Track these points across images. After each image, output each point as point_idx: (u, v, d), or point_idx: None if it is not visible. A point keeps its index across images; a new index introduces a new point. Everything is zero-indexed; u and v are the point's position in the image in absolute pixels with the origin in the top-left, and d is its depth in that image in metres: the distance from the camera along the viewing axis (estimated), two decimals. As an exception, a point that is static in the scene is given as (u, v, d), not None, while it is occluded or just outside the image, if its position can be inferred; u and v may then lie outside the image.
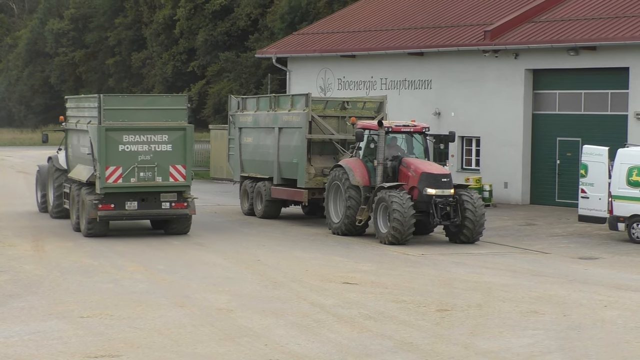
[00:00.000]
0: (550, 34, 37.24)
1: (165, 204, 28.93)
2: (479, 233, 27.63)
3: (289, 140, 32.84)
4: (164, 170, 28.57)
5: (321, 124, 31.92)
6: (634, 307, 19.09)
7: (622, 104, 35.70)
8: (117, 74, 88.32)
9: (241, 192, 35.76)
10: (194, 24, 77.55)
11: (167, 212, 29.01)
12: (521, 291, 20.63)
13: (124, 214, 28.72)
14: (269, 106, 34.27)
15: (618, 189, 28.41)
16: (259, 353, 15.28)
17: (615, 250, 26.97)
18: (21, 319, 17.60)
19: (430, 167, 28.00)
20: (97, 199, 28.40)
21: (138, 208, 28.81)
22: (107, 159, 28.22)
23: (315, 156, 32.06)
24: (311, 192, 31.81)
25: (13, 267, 23.26)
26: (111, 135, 28.27)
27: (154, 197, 28.83)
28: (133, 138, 28.47)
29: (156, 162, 28.49)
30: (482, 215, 27.39)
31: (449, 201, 27.23)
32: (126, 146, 28.40)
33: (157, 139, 28.67)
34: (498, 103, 38.86)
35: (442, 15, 43.54)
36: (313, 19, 59.59)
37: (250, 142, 35.30)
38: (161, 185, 28.63)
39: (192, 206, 29.26)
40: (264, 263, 24.18)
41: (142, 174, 28.48)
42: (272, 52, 47.67)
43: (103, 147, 28.16)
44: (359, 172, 28.79)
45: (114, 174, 28.24)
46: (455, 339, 16.26)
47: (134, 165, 28.32)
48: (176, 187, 28.77)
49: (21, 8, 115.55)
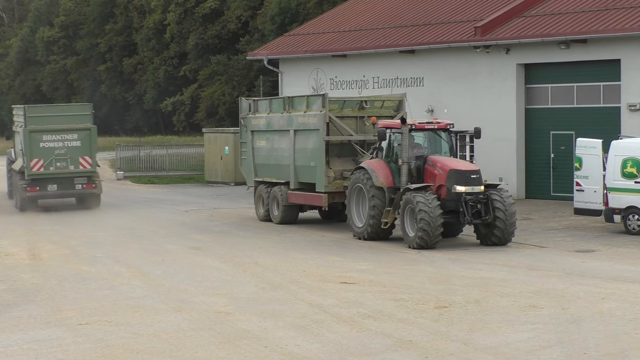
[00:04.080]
0: (540, 28, 37.28)
1: (78, 185, 38.53)
2: (510, 233, 26.51)
3: (305, 143, 31.59)
4: (75, 160, 38.25)
5: (339, 124, 30.69)
6: (632, 299, 19.11)
7: (615, 96, 35.74)
8: (109, 80, 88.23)
9: (256, 198, 34.42)
10: (185, 28, 77.55)
11: (79, 191, 38.92)
12: (519, 286, 20.64)
13: (46, 194, 38.54)
14: (283, 108, 32.97)
15: (613, 181, 28.45)
16: (258, 355, 15.27)
17: (611, 243, 27.00)
18: (20, 327, 17.57)
19: (459, 164, 27.10)
20: (25, 184, 38.17)
21: (57, 189, 38.54)
22: (31, 154, 37.88)
23: (333, 158, 30.86)
24: (331, 196, 30.55)
25: (10, 276, 23.23)
26: (34, 135, 37.96)
27: (69, 181, 38.33)
28: (51, 137, 38.08)
29: (69, 155, 38.12)
30: (512, 214, 26.30)
31: (479, 198, 26.22)
32: (46, 143, 38.00)
33: (69, 137, 38.31)
34: (490, 98, 38.88)
35: (432, 12, 43.57)
36: (303, 19, 59.62)
37: (263, 145, 33.97)
38: (73, 172, 38.27)
39: (99, 187, 38.87)
40: (262, 265, 24.17)
41: (59, 164, 38.18)
42: (263, 54, 47.67)
43: (27, 145, 37.92)
44: (382, 173, 27.67)
45: (37, 164, 37.95)
46: (455, 336, 16.27)
47: (52, 157, 37.96)
48: (85, 173, 38.43)
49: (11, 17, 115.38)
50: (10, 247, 28.36)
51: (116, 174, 55.15)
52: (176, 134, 79.22)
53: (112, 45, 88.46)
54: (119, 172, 54.91)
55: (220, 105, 71.60)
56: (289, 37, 48.98)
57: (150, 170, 56.00)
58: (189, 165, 57.57)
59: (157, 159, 56.74)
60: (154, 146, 59.58)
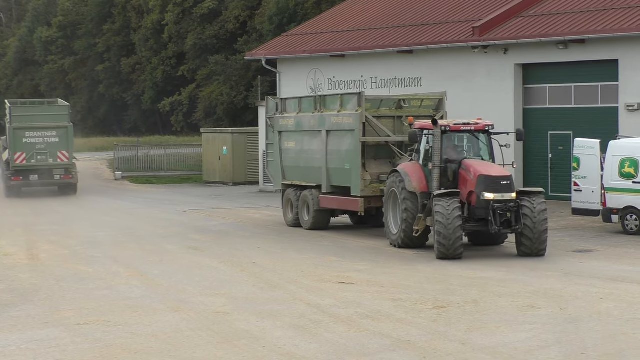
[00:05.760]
0: (539, 28, 37.27)
1: (57, 176, 44.96)
2: (541, 243, 24.49)
3: (339, 145, 29.80)
4: (53, 154, 44.57)
5: (376, 125, 28.86)
6: (629, 299, 19.12)
7: (613, 96, 35.73)
8: (107, 80, 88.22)
9: (284, 202, 32.62)
10: (183, 28, 77.53)
11: (58, 181, 45.34)
12: (517, 286, 20.65)
13: (28, 183, 45.03)
14: (314, 107, 31.15)
15: (611, 181, 28.46)
16: (257, 355, 15.27)
17: (609, 243, 27.01)
18: (18, 327, 17.57)
19: (490, 169, 25.04)
20: (10, 174, 44.91)
21: (38, 179, 44.90)
22: (15, 148, 44.46)
23: (370, 161, 29.08)
24: (367, 200, 28.79)
25: (8, 276, 23.22)
26: (17, 132, 44.52)
27: (49, 172, 44.68)
28: (32, 134, 44.45)
29: (48, 149, 44.47)
30: (542, 222, 24.33)
31: (509, 206, 24.27)
32: (28, 139, 44.43)
33: (48, 134, 44.56)
34: (489, 99, 38.86)
35: (430, 12, 43.55)
36: (301, 19, 59.61)
37: (292, 147, 32.22)
38: (52, 164, 44.67)
39: (76, 177, 45.35)
40: (260, 265, 24.17)
41: (39, 157, 44.53)
42: (261, 54, 47.65)
43: (12, 140, 44.63)
44: (416, 177, 25.88)
45: (20, 157, 44.43)
46: (453, 336, 16.27)
47: (33, 151, 44.39)
48: (63, 165, 44.81)
49: (9, 17, 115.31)
50: (8, 247, 28.35)
51: (114, 174, 55.17)
52: (174, 134, 79.24)
53: (110, 46, 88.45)
54: (117, 172, 54.93)
55: (218, 105, 71.61)
56: (287, 37, 48.97)
57: (149, 170, 56.04)
58: (187, 165, 57.62)
59: (155, 159, 56.78)
60: (152, 146, 59.63)
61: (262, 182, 47.40)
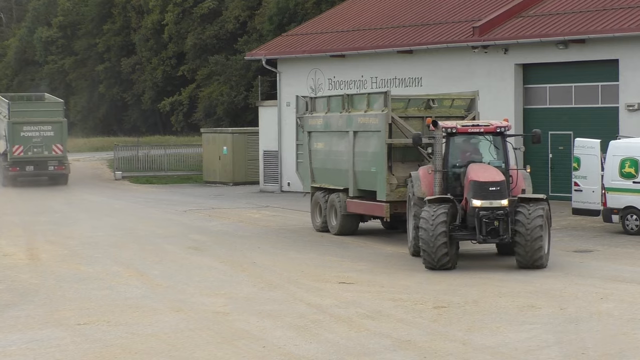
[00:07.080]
0: (539, 28, 37.27)
1: (51, 167, 49.68)
2: (535, 252, 22.51)
3: (365, 146, 28.32)
4: (48, 147, 49.22)
5: (403, 126, 27.25)
6: (630, 299, 19.12)
7: (613, 96, 35.73)
8: (107, 80, 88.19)
9: (312, 205, 31.20)
10: (183, 28, 77.54)
11: (52, 172, 50.06)
12: (517, 286, 20.65)
13: (25, 173, 49.45)
14: (342, 107, 29.64)
15: (611, 181, 28.45)
16: (257, 355, 15.27)
17: (610, 243, 27.01)
18: (18, 327, 17.57)
19: (482, 174, 23.10)
20: (8, 165, 49.32)
21: (34, 170, 49.50)
22: (13, 141, 48.84)
23: (396, 164, 27.35)
24: (393, 205, 27.17)
25: (8, 276, 23.22)
26: (16, 126, 49.03)
27: (44, 163, 49.43)
28: (29, 128, 49.14)
29: (44, 143, 49.11)
30: (535, 229, 22.36)
31: (497, 214, 22.44)
32: (25, 133, 49.06)
33: (44, 128, 49.23)
34: (489, 99, 38.79)
35: (430, 12, 43.56)
36: (301, 19, 59.61)
37: (321, 148, 30.71)
38: (47, 156, 49.42)
39: (68, 168, 50.33)
40: (260, 265, 24.17)
41: (35, 150, 49.20)
42: (261, 54, 47.65)
43: (10, 134, 48.97)
44: (425, 182, 24.41)
45: (18, 149, 49.02)
46: (453, 336, 16.27)
47: (30, 144, 49.04)
48: (57, 157, 49.58)
49: (9, 17, 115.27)
50: (8, 247, 28.34)
51: (114, 174, 55.16)
52: (174, 134, 79.23)
53: (110, 46, 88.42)
54: (117, 172, 54.93)
55: (218, 105, 71.61)
56: (287, 37, 48.98)
57: (149, 170, 56.04)
58: (187, 165, 57.62)
59: (155, 159, 56.80)
60: (152, 146, 59.66)
61: (262, 182, 47.42)
